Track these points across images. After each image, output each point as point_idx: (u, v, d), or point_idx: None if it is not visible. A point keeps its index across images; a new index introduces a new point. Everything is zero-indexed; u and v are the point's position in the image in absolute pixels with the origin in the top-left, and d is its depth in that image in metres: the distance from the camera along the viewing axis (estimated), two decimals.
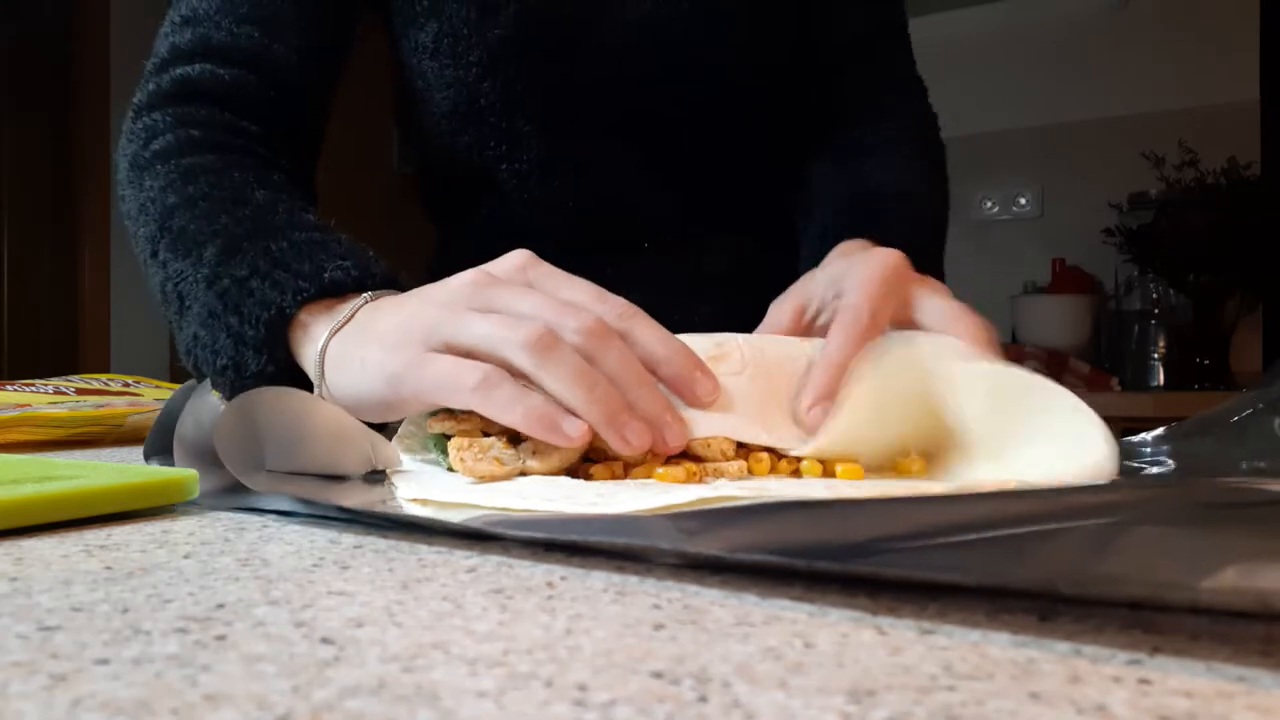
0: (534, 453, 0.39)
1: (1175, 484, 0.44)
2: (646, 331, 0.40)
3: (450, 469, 0.39)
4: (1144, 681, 0.18)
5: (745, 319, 0.53)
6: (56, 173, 2.88)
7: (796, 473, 0.41)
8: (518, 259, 0.43)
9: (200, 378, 0.51)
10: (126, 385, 0.82)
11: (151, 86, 0.63)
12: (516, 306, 0.40)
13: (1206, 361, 2.07)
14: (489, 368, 0.38)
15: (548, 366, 0.38)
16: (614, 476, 0.39)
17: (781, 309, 0.52)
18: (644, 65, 0.67)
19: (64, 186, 2.88)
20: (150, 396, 0.77)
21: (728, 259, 0.72)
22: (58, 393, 0.73)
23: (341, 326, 0.44)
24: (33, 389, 0.73)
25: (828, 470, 0.41)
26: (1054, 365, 1.94)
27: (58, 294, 2.87)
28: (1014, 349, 1.93)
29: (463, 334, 0.40)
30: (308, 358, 0.46)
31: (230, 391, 0.48)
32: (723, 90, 0.70)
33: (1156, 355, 2.08)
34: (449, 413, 0.40)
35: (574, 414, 0.38)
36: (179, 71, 0.62)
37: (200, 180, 0.55)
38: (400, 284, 0.48)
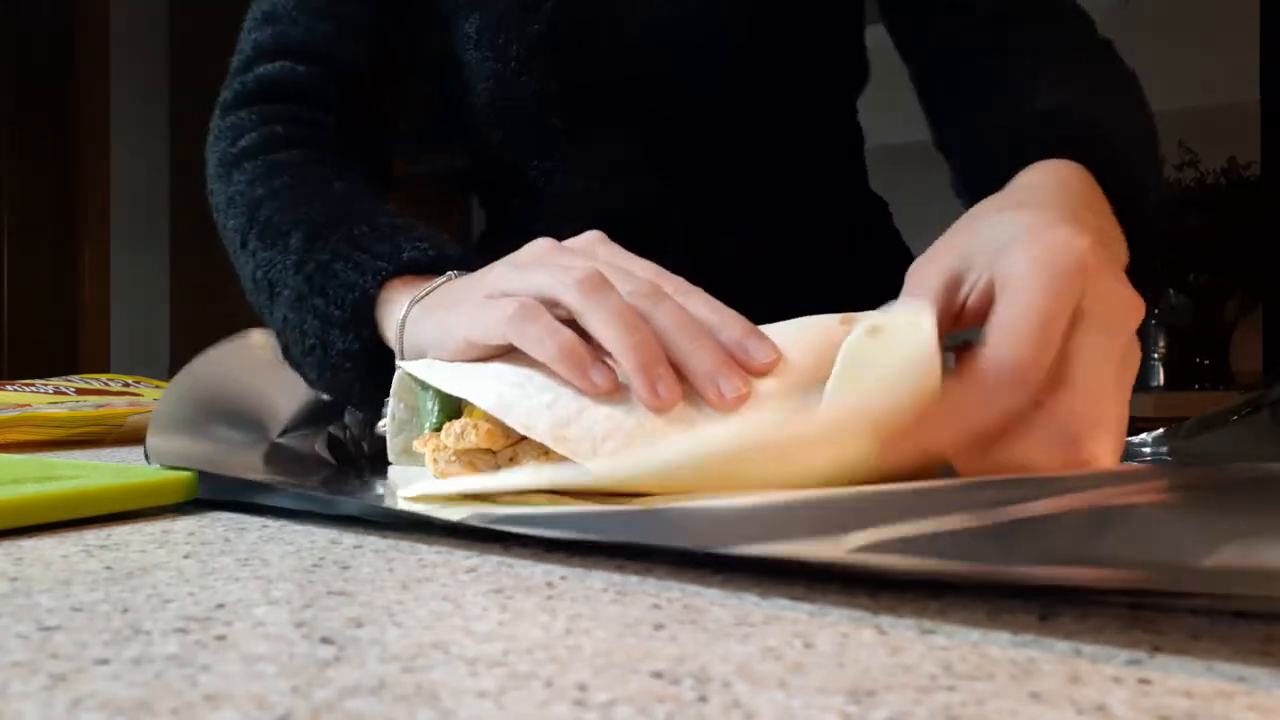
0: (511, 460, 0.37)
1: (1173, 467, 0.44)
2: (702, 301, 0.39)
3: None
4: (1144, 681, 0.18)
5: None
6: (56, 173, 2.88)
7: None
8: (591, 236, 0.43)
9: (290, 359, 0.53)
10: (126, 385, 0.82)
11: (237, 85, 0.67)
12: (577, 263, 0.40)
13: (1206, 361, 2.07)
14: (529, 300, 0.38)
15: (592, 304, 0.37)
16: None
17: (927, 281, 0.39)
18: (678, 63, 0.67)
19: (64, 187, 2.88)
20: (150, 396, 0.77)
21: (752, 264, 0.71)
22: (58, 393, 0.73)
23: (423, 296, 0.46)
24: (33, 389, 0.73)
25: None
26: None
27: (58, 294, 2.87)
28: None
29: (518, 284, 0.40)
30: (390, 328, 0.47)
31: (318, 370, 0.51)
32: (758, 90, 0.69)
33: (1156, 355, 2.08)
34: (435, 432, 0.39)
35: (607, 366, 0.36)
36: (261, 70, 0.66)
37: (284, 174, 0.59)
38: (474, 267, 0.48)
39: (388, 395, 0.45)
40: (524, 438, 0.38)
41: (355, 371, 0.49)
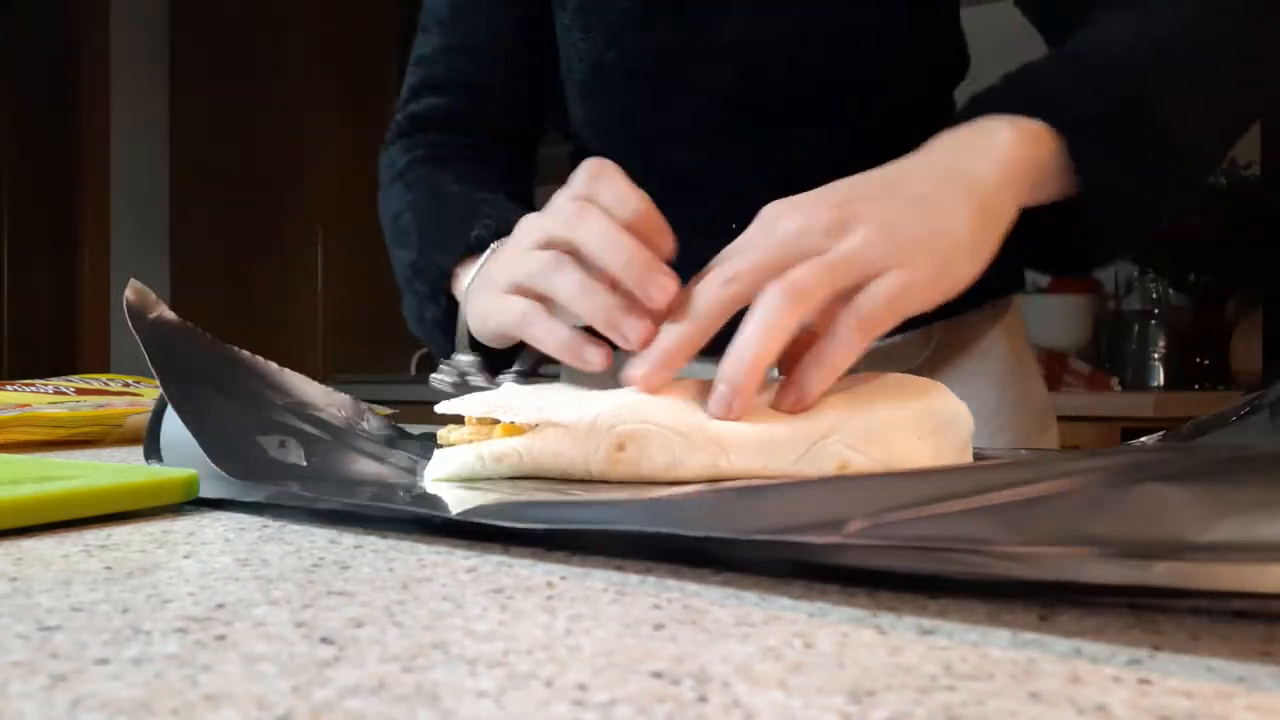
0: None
1: (1170, 448, 0.44)
2: (595, 239, 0.43)
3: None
4: (1144, 681, 0.18)
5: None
6: (57, 173, 2.88)
7: None
8: (585, 170, 0.46)
9: (427, 341, 0.67)
10: (126, 385, 0.82)
11: (396, 121, 0.79)
12: (553, 232, 0.46)
13: (1206, 361, 2.07)
14: (526, 306, 0.47)
15: (558, 286, 0.44)
16: None
17: None
18: (764, 32, 0.66)
19: (64, 187, 2.88)
20: (150, 396, 0.77)
21: None
22: (58, 393, 0.73)
23: (471, 283, 0.55)
24: (33, 389, 0.73)
25: None
26: (1054, 365, 1.94)
27: (58, 294, 2.86)
28: None
29: (517, 275, 0.48)
30: (459, 293, 0.58)
31: (438, 346, 0.63)
32: (847, 64, 0.67)
33: (1156, 355, 2.08)
34: (458, 423, 0.42)
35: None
36: (411, 109, 0.78)
37: (416, 188, 0.72)
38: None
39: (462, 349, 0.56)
40: None
41: (443, 335, 0.61)
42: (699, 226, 0.68)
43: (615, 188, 0.44)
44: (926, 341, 0.73)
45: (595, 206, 0.44)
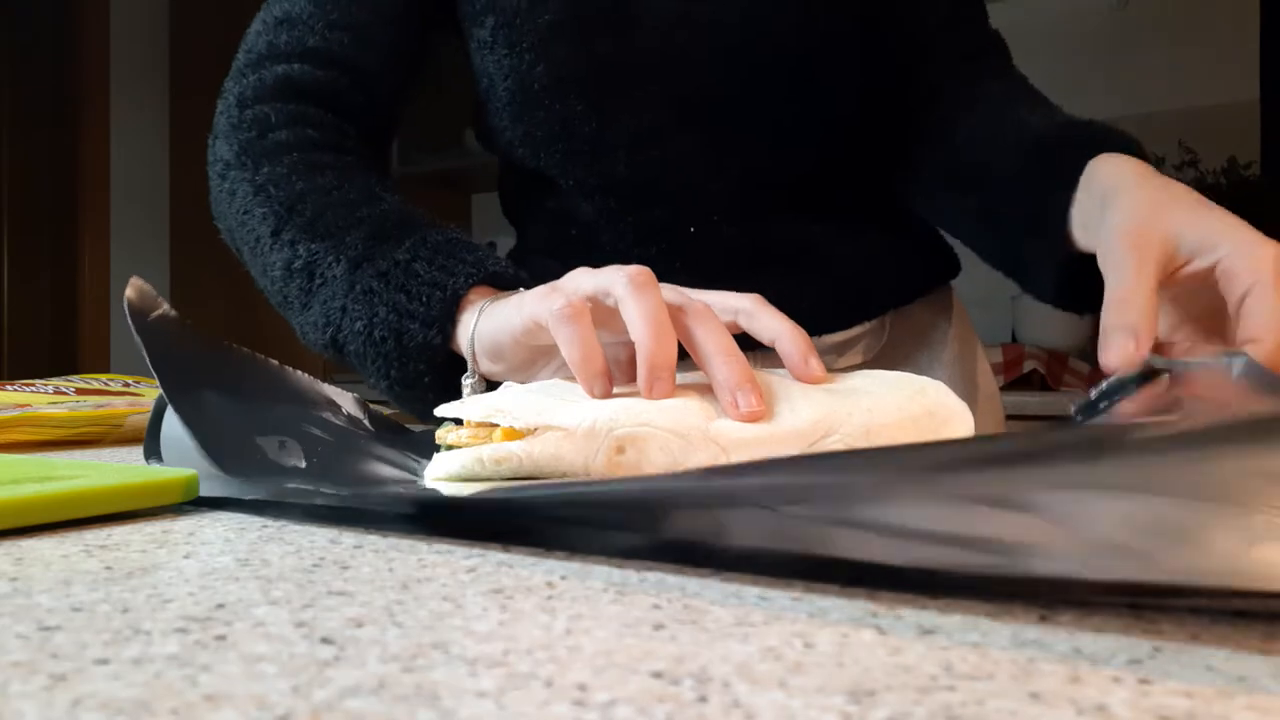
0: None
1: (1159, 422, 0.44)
2: (770, 316, 0.43)
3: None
4: (1144, 681, 0.18)
5: (800, 304, 0.53)
6: (57, 173, 2.88)
7: None
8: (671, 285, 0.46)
9: (331, 347, 0.56)
10: (126, 385, 0.82)
11: (254, 79, 0.67)
12: (643, 273, 0.43)
13: None
14: (578, 301, 0.42)
15: (634, 298, 0.41)
16: None
17: (1149, 254, 0.47)
18: (697, 39, 0.66)
19: (65, 187, 2.88)
20: (150, 396, 0.77)
21: (782, 243, 0.70)
22: (58, 393, 0.73)
23: (504, 298, 0.50)
24: (33, 389, 0.73)
25: None
26: (1054, 365, 1.94)
27: (58, 294, 2.87)
28: (1014, 349, 1.93)
29: (588, 282, 0.44)
30: (465, 321, 0.51)
31: (383, 362, 0.54)
32: (784, 67, 0.67)
33: None
34: (456, 423, 0.42)
35: (611, 374, 0.41)
36: (279, 69, 0.67)
37: (327, 174, 0.61)
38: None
39: (444, 396, 0.49)
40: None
41: (428, 365, 0.53)
42: (652, 232, 0.68)
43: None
44: (881, 331, 0.73)
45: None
